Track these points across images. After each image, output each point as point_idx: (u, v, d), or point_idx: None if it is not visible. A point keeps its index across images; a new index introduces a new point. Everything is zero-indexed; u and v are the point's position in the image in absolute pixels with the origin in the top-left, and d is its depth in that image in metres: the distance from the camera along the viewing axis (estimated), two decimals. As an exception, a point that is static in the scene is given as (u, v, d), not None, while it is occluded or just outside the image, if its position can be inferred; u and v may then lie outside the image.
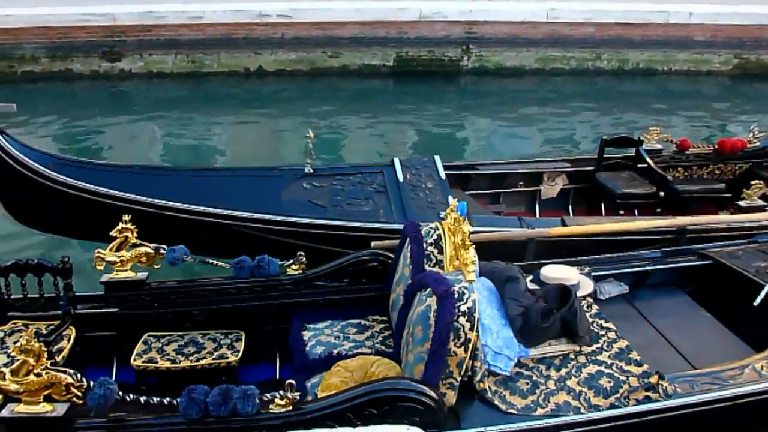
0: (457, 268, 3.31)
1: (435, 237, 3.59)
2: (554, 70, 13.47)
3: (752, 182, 5.59)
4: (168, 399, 2.85)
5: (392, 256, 3.96)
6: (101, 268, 3.79)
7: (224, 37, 12.58)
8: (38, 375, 2.75)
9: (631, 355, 3.49)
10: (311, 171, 5.28)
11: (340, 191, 5.12)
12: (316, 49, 12.90)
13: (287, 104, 11.77)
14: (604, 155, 6.38)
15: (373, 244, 4.56)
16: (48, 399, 2.78)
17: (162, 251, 3.93)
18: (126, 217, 3.91)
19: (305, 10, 12.56)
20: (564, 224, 5.05)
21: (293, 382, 2.89)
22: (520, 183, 6.29)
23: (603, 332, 3.69)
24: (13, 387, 2.73)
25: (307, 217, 4.74)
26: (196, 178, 5.18)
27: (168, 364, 3.67)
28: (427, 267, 3.50)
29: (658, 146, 6.46)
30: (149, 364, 3.67)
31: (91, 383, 2.81)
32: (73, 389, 2.78)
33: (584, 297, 3.97)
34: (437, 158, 5.63)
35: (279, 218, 4.70)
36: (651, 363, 3.43)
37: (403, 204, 4.99)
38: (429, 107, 11.59)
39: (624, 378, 3.32)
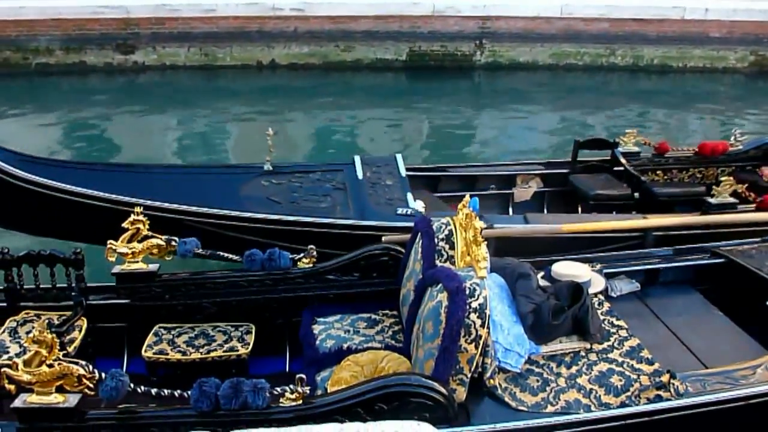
0: (469, 264, 3.29)
1: (446, 232, 3.58)
2: (568, 66, 13.39)
3: (722, 179, 5.45)
4: (179, 391, 2.86)
5: (403, 250, 3.95)
6: (113, 259, 3.81)
7: (237, 30, 12.61)
8: (50, 366, 2.76)
9: (642, 354, 3.47)
10: (270, 168, 5.33)
11: (299, 188, 5.13)
12: (329, 43, 12.89)
13: (300, 98, 11.77)
14: (579, 158, 6.28)
15: (384, 238, 4.56)
16: (60, 390, 2.80)
17: (173, 243, 3.94)
18: (138, 209, 3.93)
19: (318, 3, 12.56)
20: (526, 222, 5.05)
21: (304, 376, 2.89)
22: (492, 186, 6.20)
23: (614, 330, 3.67)
24: (26, 378, 2.75)
25: (255, 212, 4.72)
26: (157, 175, 5.24)
27: (178, 356, 3.69)
28: (438, 262, 3.48)
29: (636, 149, 6.29)
30: (160, 356, 3.69)
31: (103, 375, 2.83)
32: (84, 380, 2.79)
33: (596, 294, 3.95)
34: (399, 156, 5.65)
35: (223, 213, 4.69)
36: (662, 361, 3.40)
37: (361, 201, 4.97)
38: (441, 102, 11.56)
39: (635, 376, 3.30)
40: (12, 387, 2.80)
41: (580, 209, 6.08)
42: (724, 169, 6.32)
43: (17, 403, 2.78)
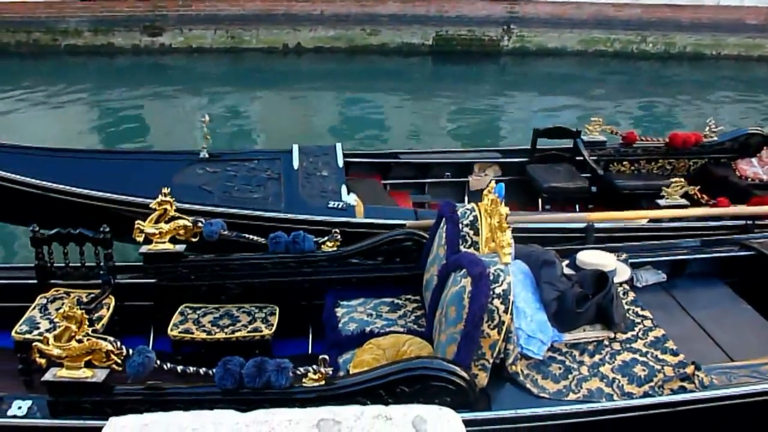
0: (493, 250, 3.28)
1: (471, 218, 3.57)
2: (597, 53, 13.22)
3: (673, 180, 5.26)
4: (204, 369, 2.90)
5: (427, 235, 3.95)
6: (140, 239, 3.87)
7: (263, 13, 12.63)
8: (80, 341, 2.82)
9: (667, 344, 3.43)
10: (207, 156, 5.21)
11: (233, 177, 5.02)
12: (355, 27, 12.86)
13: (325, 82, 11.78)
14: (546, 147, 6.08)
15: (407, 223, 4.56)
16: (89, 365, 2.86)
17: (200, 224, 3.98)
18: (165, 190, 3.97)
19: (345, -14, 12.53)
20: None
21: (326, 357, 2.92)
22: (447, 174, 6.05)
23: (639, 320, 3.64)
24: (56, 352, 2.81)
25: (184, 201, 4.56)
26: (91, 161, 5.16)
27: (203, 335, 3.74)
28: (462, 248, 3.48)
29: (602, 138, 6.09)
30: (185, 335, 3.74)
31: (130, 351, 2.88)
32: (112, 356, 2.84)
33: (621, 284, 3.91)
34: (338, 146, 5.51)
35: (140, 201, 4.58)
36: (687, 353, 3.37)
37: (292, 192, 4.87)
38: (467, 88, 11.49)
39: (659, 367, 3.27)
40: (43, 361, 2.87)
41: (540, 201, 5.84)
42: (696, 161, 6.11)
43: (48, 376, 2.85)
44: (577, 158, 5.99)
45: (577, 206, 5.76)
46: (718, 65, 13.23)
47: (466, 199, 6.06)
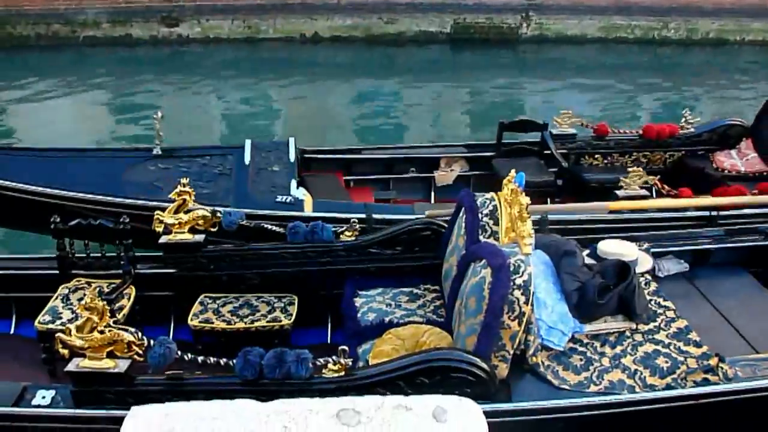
0: (513, 240, 3.26)
1: (491, 208, 3.54)
2: (618, 40, 13.01)
3: (631, 169, 5.05)
4: (224, 360, 2.92)
5: (446, 225, 3.93)
6: (160, 229, 3.89)
7: (280, 2, 12.60)
8: (101, 332, 2.85)
9: (690, 336, 3.39)
10: (159, 152, 5.18)
11: (184, 173, 4.94)
12: (372, 15, 12.78)
13: (342, 71, 11.75)
14: (503, 140, 5.91)
15: (426, 212, 4.54)
16: (111, 355, 2.89)
17: (219, 215, 3.99)
18: (184, 180, 3.98)
19: (362, -26, 12.46)
20: (413, 212, 4.75)
21: (346, 348, 2.92)
22: (412, 169, 5.92)
23: (661, 311, 3.59)
24: (78, 343, 2.84)
25: (133, 198, 4.64)
26: (47, 160, 5.13)
27: (223, 325, 3.76)
28: (482, 238, 3.45)
29: (572, 130, 5.90)
30: (205, 325, 3.77)
31: (151, 342, 2.90)
32: (134, 347, 2.87)
33: (643, 274, 3.87)
34: (291, 140, 5.42)
35: (89, 197, 4.62)
36: (711, 345, 3.32)
37: (242, 188, 4.83)
38: (486, 76, 11.39)
39: (682, 358, 3.23)
40: (65, 351, 2.90)
41: None
42: (673, 154, 5.95)
43: (70, 366, 2.88)
44: (545, 152, 5.83)
45: (548, 200, 5.58)
46: (741, 51, 12.98)
47: (432, 195, 5.94)
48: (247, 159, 5.18)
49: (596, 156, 5.93)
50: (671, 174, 5.91)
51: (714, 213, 4.76)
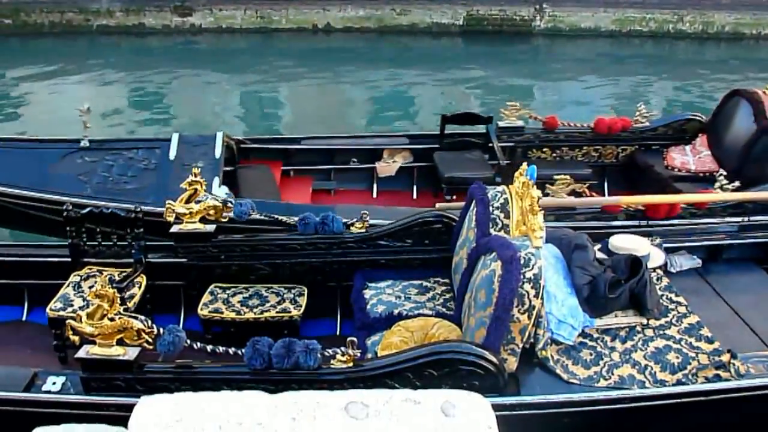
0: (524, 234, 3.23)
1: (502, 201, 3.51)
2: (632, 33, 12.90)
3: (556, 176, 4.77)
4: (233, 349, 2.93)
5: (456, 218, 3.91)
6: (171, 219, 3.89)
7: (293, -8, 12.59)
8: (112, 320, 2.86)
9: (702, 332, 3.36)
10: (87, 144, 5.05)
11: (110, 167, 4.89)
12: (385, 6, 12.74)
13: (354, 62, 11.71)
14: (445, 132, 5.77)
15: (437, 205, 4.52)
16: (120, 343, 2.90)
17: (230, 205, 4.00)
18: (196, 170, 3.98)
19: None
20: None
21: (355, 339, 2.92)
22: (354, 160, 5.81)
23: (673, 306, 3.56)
24: (89, 330, 2.85)
25: (57, 192, 4.56)
26: None
27: (233, 315, 3.77)
28: (492, 231, 3.43)
29: (520, 123, 5.74)
30: (215, 314, 3.78)
31: (161, 330, 2.91)
32: (144, 335, 2.89)
33: (654, 269, 3.83)
34: (219, 135, 5.24)
35: (12, 191, 4.56)
36: (723, 341, 3.29)
37: (163, 184, 4.71)
38: (498, 69, 11.33)
39: (693, 354, 3.21)
40: (76, 338, 2.93)
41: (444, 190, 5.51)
42: (626, 148, 5.80)
43: (81, 353, 2.90)
44: (490, 145, 5.67)
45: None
46: (757, 46, 12.82)
47: (374, 187, 5.86)
48: (172, 154, 5.02)
49: (544, 149, 5.80)
50: (623, 169, 5.82)
51: (644, 222, 4.55)
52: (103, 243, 4.02)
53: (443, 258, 3.89)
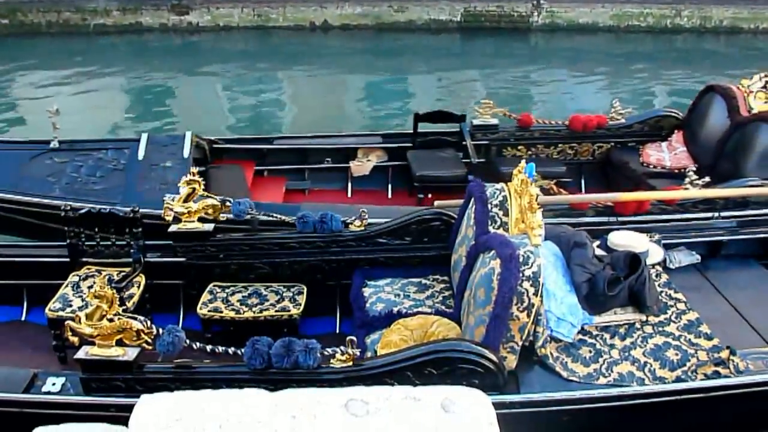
0: (523, 231, 3.24)
1: (500, 198, 3.51)
2: (630, 28, 12.88)
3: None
4: (233, 349, 2.93)
5: (455, 215, 3.91)
6: (170, 218, 3.89)
7: (290, -10, 12.55)
8: (111, 320, 2.86)
9: (701, 328, 3.36)
10: (57, 145, 5.03)
11: (80, 168, 4.89)
12: (382, 3, 12.71)
13: (352, 60, 11.69)
14: (418, 130, 5.74)
15: (436, 203, 4.51)
16: (120, 343, 2.90)
17: (228, 204, 3.99)
18: (194, 170, 3.98)
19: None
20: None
21: (354, 338, 2.92)
22: (327, 159, 5.80)
23: (672, 303, 3.56)
24: (88, 330, 2.85)
25: (25, 193, 4.57)
26: None
27: (232, 314, 3.77)
28: (491, 229, 3.43)
29: (494, 121, 5.69)
30: (214, 314, 3.78)
31: (160, 330, 2.91)
32: (143, 335, 2.89)
33: (653, 265, 3.84)
34: (188, 135, 5.21)
35: None
36: (722, 337, 3.30)
37: (131, 185, 4.74)
38: (497, 65, 11.31)
39: (692, 351, 3.21)
40: (75, 339, 2.92)
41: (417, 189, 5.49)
42: (602, 145, 5.77)
43: (80, 354, 2.90)
44: (464, 143, 5.62)
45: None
46: (755, 40, 12.81)
47: (349, 186, 5.85)
48: (141, 154, 5.01)
49: (519, 147, 5.77)
50: (600, 166, 5.78)
51: (612, 218, 4.51)
52: (101, 243, 4.01)
53: (442, 256, 3.89)
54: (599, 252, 3.72)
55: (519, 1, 12.79)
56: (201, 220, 3.94)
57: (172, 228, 3.93)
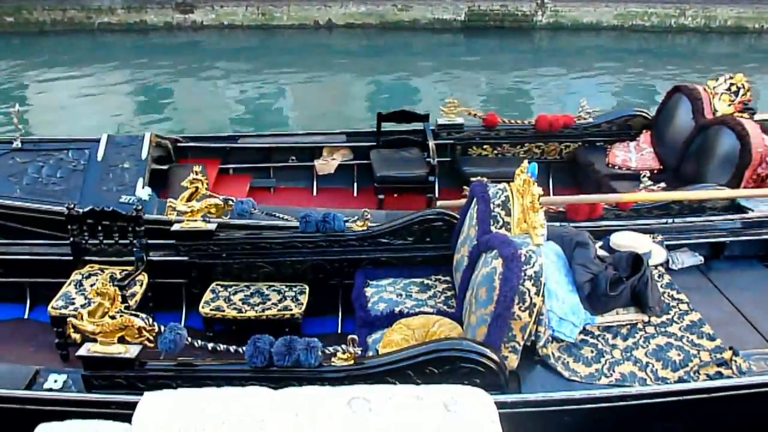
0: (525, 231, 3.23)
1: (503, 198, 3.51)
2: (634, 27, 12.85)
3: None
4: (234, 347, 2.93)
5: (457, 216, 3.90)
6: (173, 217, 3.90)
7: (294, -12, 12.56)
8: (113, 318, 2.87)
9: (703, 329, 3.36)
10: (19, 145, 5.03)
11: (41, 168, 4.89)
12: (386, 2, 12.71)
13: (356, 58, 11.69)
14: (382, 129, 5.75)
15: (438, 203, 4.51)
16: (122, 341, 2.91)
17: (231, 203, 4.00)
18: (197, 168, 3.99)
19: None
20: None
21: (355, 337, 2.92)
22: (292, 157, 5.79)
23: (674, 303, 3.56)
24: (90, 328, 2.86)
25: None
26: None
27: (234, 313, 3.77)
28: (493, 228, 3.42)
29: (459, 120, 5.68)
30: (216, 312, 3.78)
31: (162, 328, 2.92)
32: (145, 333, 2.89)
33: (656, 266, 3.83)
34: (147, 135, 5.22)
35: None
36: (725, 338, 3.29)
37: (90, 186, 4.75)
38: (500, 65, 11.30)
39: (695, 352, 3.20)
40: (77, 336, 2.93)
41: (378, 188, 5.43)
42: (568, 145, 5.72)
43: (82, 351, 2.91)
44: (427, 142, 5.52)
45: (426, 194, 5.38)
46: (760, 39, 12.76)
47: (314, 184, 5.84)
48: (100, 155, 5.01)
49: (485, 147, 5.74)
50: (568, 166, 5.75)
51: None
52: (104, 241, 4.02)
53: (444, 255, 3.89)
54: (601, 252, 3.71)
55: (523, 1, 12.77)
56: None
57: (176, 227, 3.94)
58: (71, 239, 3.99)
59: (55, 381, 2.98)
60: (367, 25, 12.78)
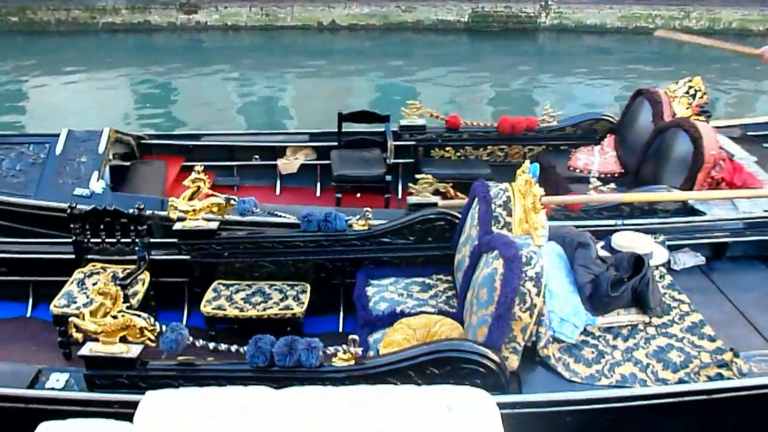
0: (526, 232, 3.24)
1: (504, 198, 3.51)
2: (638, 29, 12.81)
3: (418, 176, 4.67)
4: (236, 346, 2.94)
5: (459, 215, 3.91)
6: (174, 216, 3.91)
7: (298, -10, 12.57)
8: (114, 317, 2.88)
9: (704, 330, 3.35)
10: None
11: (1, 161, 4.98)
12: (389, 3, 12.71)
13: (359, 60, 11.69)
14: (343, 130, 5.76)
15: (439, 203, 4.52)
16: (123, 340, 2.92)
17: (232, 202, 4.01)
18: (199, 167, 4.00)
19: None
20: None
21: (356, 337, 2.93)
22: (256, 156, 5.85)
23: (675, 304, 3.55)
24: (92, 327, 2.87)
25: None
26: None
27: (236, 312, 3.78)
28: (494, 229, 3.43)
29: (421, 121, 5.68)
30: (218, 311, 3.79)
31: (164, 327, 2.93)
32: (146, 332, 2.90)
33: (657, 267, 3.83)
34: (105, 130, 5.27)
35: None
36: (726, 339, 3.29)
37: (47, 178, 4.82)
38: (504, 66, 11.28)
39: (695, 353, 3.20)
40: (79, 335, 2.94)
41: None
42: (532, 148, 5.71)
43: (84, 350, 2.92)
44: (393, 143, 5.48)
45: (383, 195, 5.39)
46: (765, 42, 12.71)
47: (277, 183, 5.87)
48: (59, 149, 5.09)
49: (447, 148, 5.73)
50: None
51: None
52: (106, 240, 4.03)
53: (446, 255, 3.90)
54: (603, 253, 3.71)
55: (527, 2, 12.76)
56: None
57: (177, 226, 3.95)
58: (73, 238, 4.00)
59: (57, 380, 2.99)
60: (370, 27, 12.79)
